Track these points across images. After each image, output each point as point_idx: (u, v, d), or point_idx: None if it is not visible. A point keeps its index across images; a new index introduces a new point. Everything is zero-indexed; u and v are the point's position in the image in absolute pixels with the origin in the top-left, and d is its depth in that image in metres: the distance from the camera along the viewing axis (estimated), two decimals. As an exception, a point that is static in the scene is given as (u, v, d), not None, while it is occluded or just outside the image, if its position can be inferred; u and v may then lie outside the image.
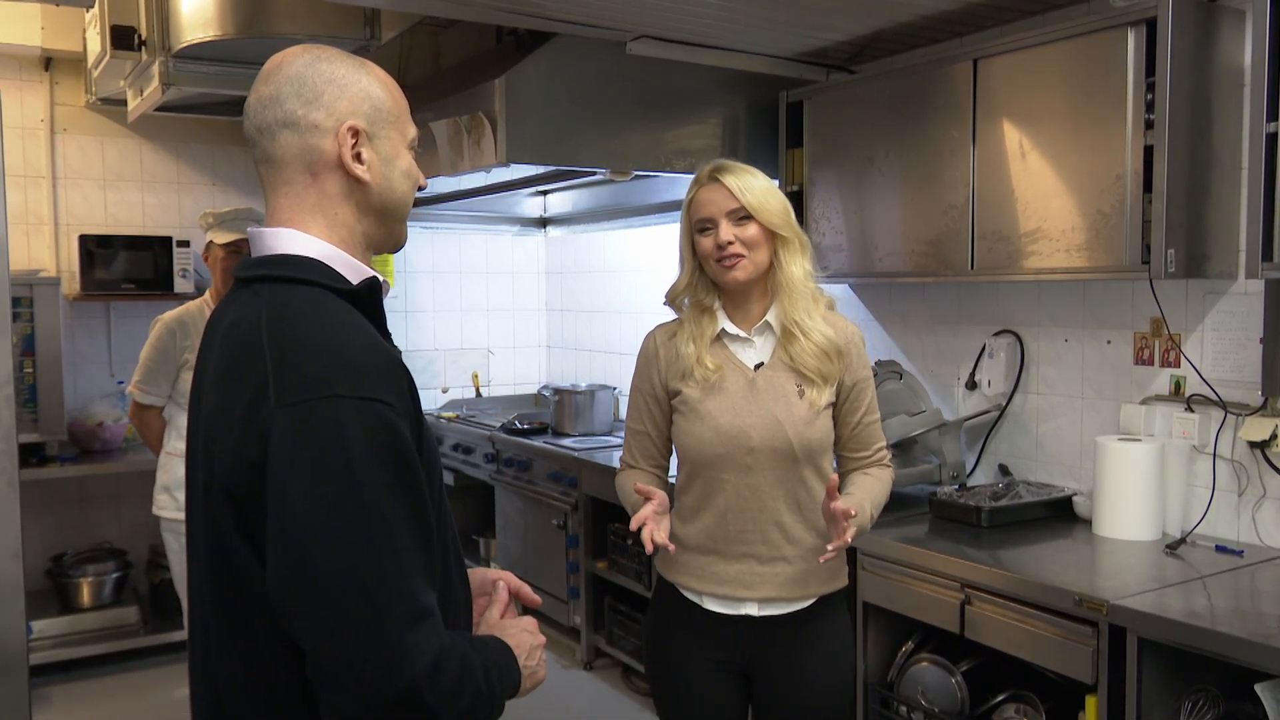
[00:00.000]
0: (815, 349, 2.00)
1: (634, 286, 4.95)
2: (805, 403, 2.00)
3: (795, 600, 2.04)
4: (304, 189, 1.25)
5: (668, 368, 2.08)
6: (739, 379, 2.03)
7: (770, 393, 2.01)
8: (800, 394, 2.01)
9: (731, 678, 2.09)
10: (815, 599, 2.05)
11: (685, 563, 2.07)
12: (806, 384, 2.01)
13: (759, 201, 1.98)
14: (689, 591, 2.08)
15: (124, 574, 4.37)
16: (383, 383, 1.14)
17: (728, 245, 1.98)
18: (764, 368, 2.04)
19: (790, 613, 2.04)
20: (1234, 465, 2.64)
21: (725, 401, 2.01)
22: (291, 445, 1.09)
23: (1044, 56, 2.66)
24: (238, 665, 1.19)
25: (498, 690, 1.20)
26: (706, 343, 2.05)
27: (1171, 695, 2.15)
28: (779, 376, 2.02)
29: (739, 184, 1.99)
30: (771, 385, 2.02)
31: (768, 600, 2.03)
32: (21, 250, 4.38)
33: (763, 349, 2.06)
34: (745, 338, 2.06)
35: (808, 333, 2.00)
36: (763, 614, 2.03)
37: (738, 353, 2.06)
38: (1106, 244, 2.53)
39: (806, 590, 2.04)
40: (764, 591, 2.02)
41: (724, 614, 2.05)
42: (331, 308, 1.19)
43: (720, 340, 2.06)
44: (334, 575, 1.07)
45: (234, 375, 1.17)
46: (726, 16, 2.95)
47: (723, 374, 2.03)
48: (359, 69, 1.28)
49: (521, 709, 1.53)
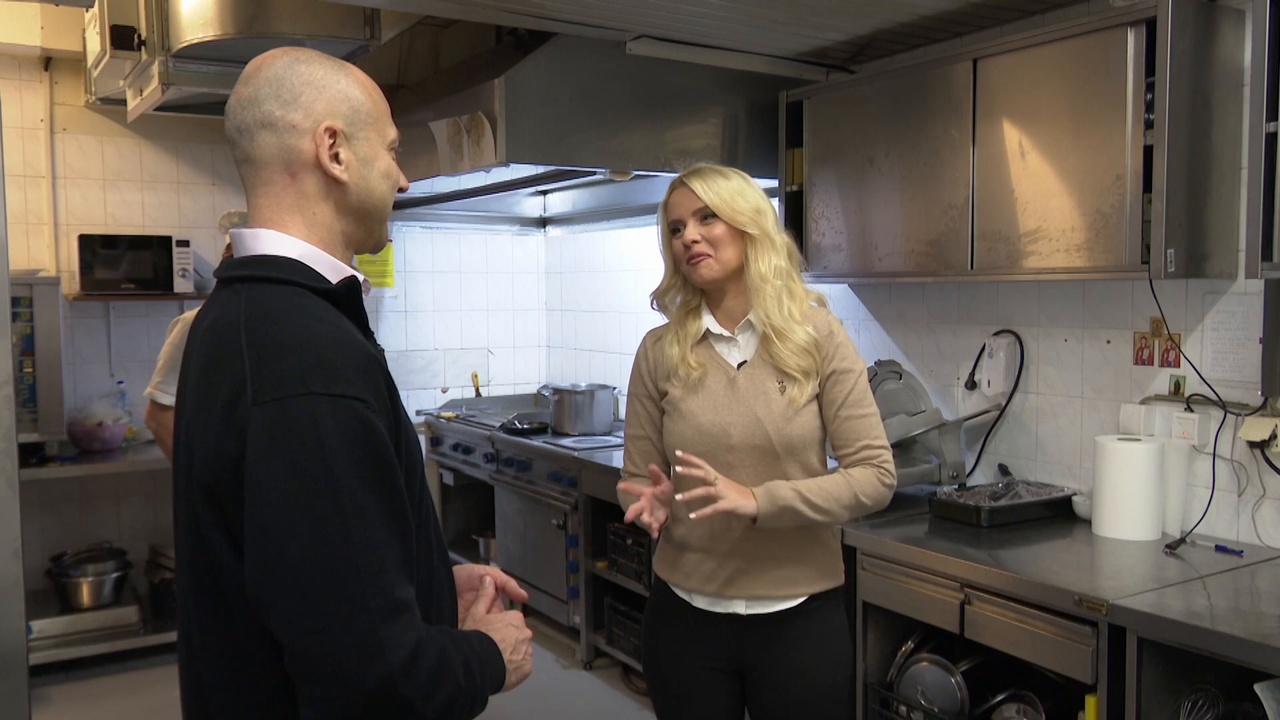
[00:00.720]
0: (794, 345, 2.02)
1: (633, 286, 4.95)
2: (785, 399, 2.02)
3: (784, 598, 2.04)
4: (283, 189, 1.27)
5: (656, 369, 2.13)
6: (720, 377, 2.06)
7: (751, 390, 2.04)
8: (781, 390, 2.03)
9: (725, 676, 2.10)
10: (806, 597, 2.06)
11: (675, 561, 2.11)
12: (788, 381, 2.03)
13: (722, 201, 2.02)
14: (679, 589, 2.10)
15: (123, 574, 4.37)
16: (359, 380, 1.15)
17: (693, 244, 2.02)
18: (746, 365, 2.07)
19: (779, 610, 2.04)
20: (1234, 465, 2.64)
21: (706, 400, 2.05)
22: (267, 442, 1.10)
23: (1044, 56, 2.66)
24: (220, 659, 1.21)
25: (479, 685, 1.22)
26: (691, 343, 2.09)
27: (1171, 695, 2.15)
28: (760, 374, 2.05)
29: (704, 184, 2.03)
30: (752, 383, 2.04)
31: (755, 598, 2.04)
32: (21, 250, 4.38)
33: (746, 347, 2.08)
34: (729, 336, 2.08)
35: (783, 330, 2.02)
36: (750, 612, 2.04)
37: (722, 351, 2.09)
38: (1106, 244, 2.53)
39: (796, 589, 2.04)
40: (751, 589, 2.03)
41: (713, 612, 2.06)
42: (309, 307, 1.21)
43: (706, 340, 2.10)
44: (309, 569, 1.09)
45: (213, 374, 1.18)
46: (726, 16, 2.96)
47: (705, 372, 2.07)
48: (337, 71, 1.29)
49: (521, 708, 1.53)
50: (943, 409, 3.27)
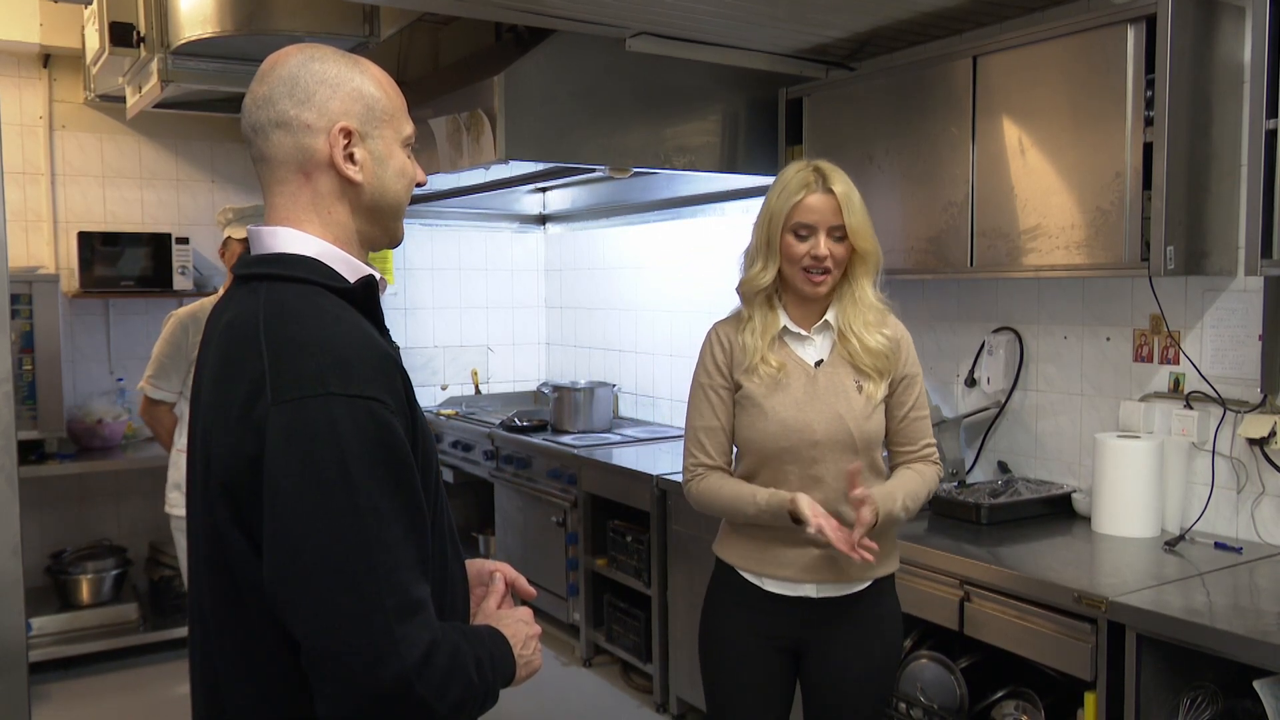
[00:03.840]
0: (873, 348, 2.08)
1: (633, 283, 4.95)
2: (864, 397, 2.08)
3: (852, 583, 2.11)
4: (298, 188, 1.27)
5: (733, 361, 2.14)
6: (801, 376, 2.10)
7: (831, 389, 2.08)
8: (859, 389, 2.09)
9: (781, 654, 2.16)
10: (871, 581, 2.12)
11: (746, 547, 2.14)
12: (864, 379, 2.09)
13: (859, 223, 2.05)
14: (749, 574, 2.14)
15: (123, 571, 4.37)
16: (376, 380, 1.16)
17: (823, 259, 2.03)
18: (824, 364, 2.11)
19: (847, 595, 2.11)
20: (1233, 462, 2.64)
21: (789, 397, 2.08)
22: (285, 442, 1.11)
23: (1044, 53, 2.66)
24: (235, 656, 1.22)
25: (490, 681, 1.22)
26: (770, 339, 2.11)
27: (1170, 692, 2.15)
28: (838, 372, 2.09)
29: (848, 199, 2.04)
30: (832, 381, 2.09)
31: (826, 583, 2.10)
32: (20, 247, 4.38)
33: (822, 346, 2.13)
34: (806, 336, 2.12)
35: (863, 335, 2.08)
36: (821, 595, 2.11)
37: (797, 350, 2.12)
38: (1106, 241, 2.53)
39: (865, 573, 2.10)
40: (823, 575, 2.09)
41: (783, 595, 2.12)
42: (327, 306, 1.21)
43: (781, 337, 2.12)
44: (325, 567, 1.09)
45: (231, 371, 1.18)
46: (726, 13, 2.95)
47: (785, 371, 2.09)
48: (352, 67, 1.28)
49: (521, 706, 1.53)
50: (942, 406, 3.26)
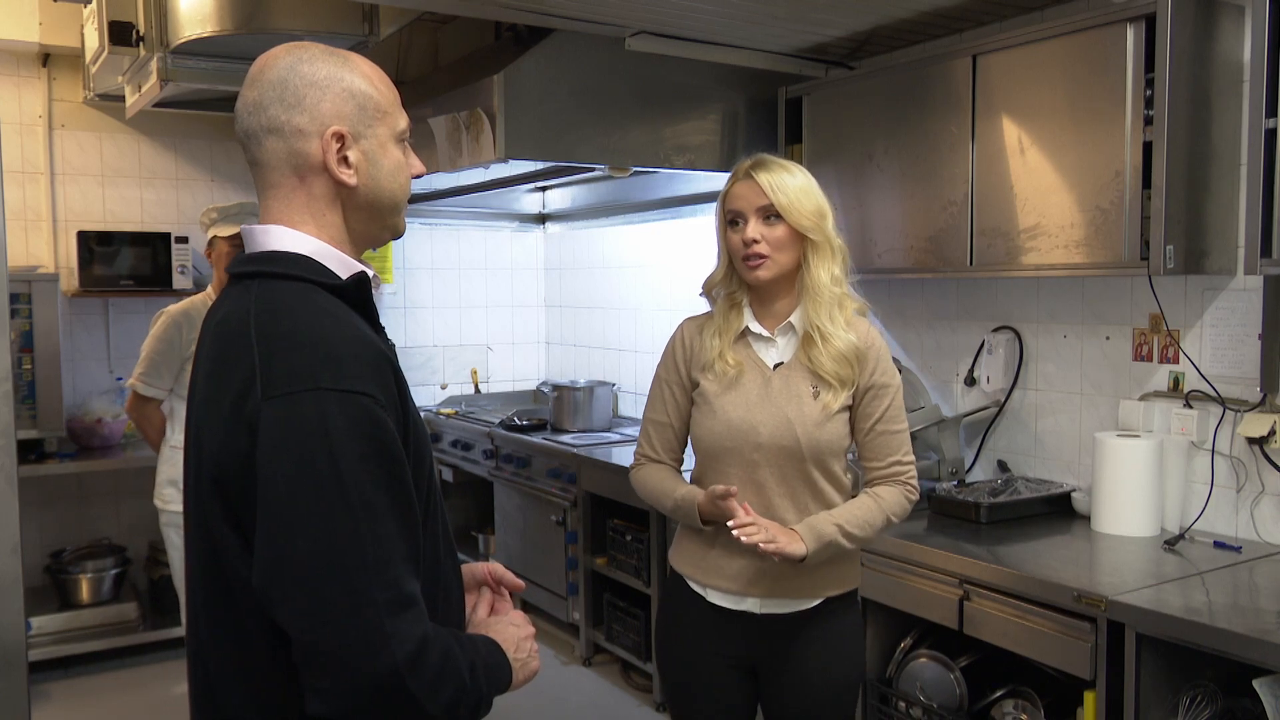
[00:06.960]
0: (835, 353, 1.99)
1: (633, 282, 4.95)
2: (819, 405, 2.00)
3: (799, 600, 2.03)
4: (292, 191, 1.27)
5: (693, 359, 2.10)
6: (757, 377, 2.04)
7: (785, 392, 2.02)
8: (815, 395, 2.01)
9: (738, 672, 2.09)
10: (822, 600, 2.04)
11: (692, 554, 2.09)
12: (823, 386, 2.00)
13: (790, 201, 1.96)
14: (694, 583, 2.09)
15: (123, 570, 4.37)
16: (368, 376, 1.16)
17: (752, 244, 1.98)
18: (782, 367, 2.05)
19: (795, 612, 2.03)
20: (1232, 461, 2.64)
21: (740, 397, 2.03)
22: (277, 437, 1.11)
23: (1043, 52, 2.66)
24: (228, 652, 1.22)
25: (484, 688, 1.22)
26: (731, 338, 2.06)
27: (1170, 691, 2.15)
28: (795, 377, 2.03)
29: (772, 181, 1.97)
30: (787, 385, 2.02)
31: (769, 598, 2.02)
32: (20, 246, 4.37)
33: (784, 349, 2.06)
34: (768, 337, 2.06)
35: (828, 337, 1.99)
36: (764, 612, 2.03)
37: (759, 351, 2.06)
38: (1105, 240, 2.53)
39: (813, 591, 2.03)
40: (764, 588, 2.01)
41: (727, 609, 2.05)
42: (319, 302, 1.21)
43: (744, 337, 2.07)
44: (316, 562, 1.10)
45: (224, 368, 1.19)
46: (725, 12, 2.95)
47: (741, 370, 2.04)
48: (341, 65, 1.28)
49: (521, 705, 1.53)
50: (942, 405, 3.27)
